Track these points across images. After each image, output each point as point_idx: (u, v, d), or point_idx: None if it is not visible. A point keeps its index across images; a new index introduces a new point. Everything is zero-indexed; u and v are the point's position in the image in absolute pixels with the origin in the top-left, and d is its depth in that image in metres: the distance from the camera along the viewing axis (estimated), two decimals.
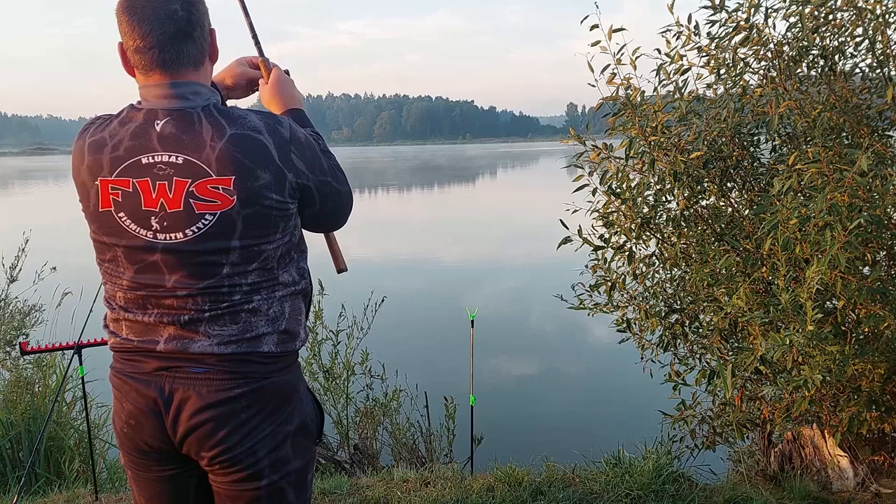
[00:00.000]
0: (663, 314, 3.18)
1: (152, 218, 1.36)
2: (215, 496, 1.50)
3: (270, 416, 1.44)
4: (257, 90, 1.74)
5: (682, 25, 2.98)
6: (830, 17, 2.85)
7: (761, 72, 3.03)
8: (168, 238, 1.37)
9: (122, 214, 1.38)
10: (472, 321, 3.63)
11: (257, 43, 1.76)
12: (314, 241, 1.61)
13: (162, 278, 1.39)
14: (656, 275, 3.24)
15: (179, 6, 1.38)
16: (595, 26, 2.84)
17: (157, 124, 1.37)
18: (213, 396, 1.39)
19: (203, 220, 1.36)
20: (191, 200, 1.35)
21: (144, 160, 1.36)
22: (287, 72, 1.75)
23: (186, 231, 1.36)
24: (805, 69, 3.04)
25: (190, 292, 1.39)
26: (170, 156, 1.35)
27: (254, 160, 1.36)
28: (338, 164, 1.58)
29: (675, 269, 3.16)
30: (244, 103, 1.75)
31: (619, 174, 3.04)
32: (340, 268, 1.82)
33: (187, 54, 1.40)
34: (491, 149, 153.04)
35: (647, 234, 3.10)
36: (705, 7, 2.98)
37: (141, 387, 1.42)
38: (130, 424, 1.45)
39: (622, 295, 3.24)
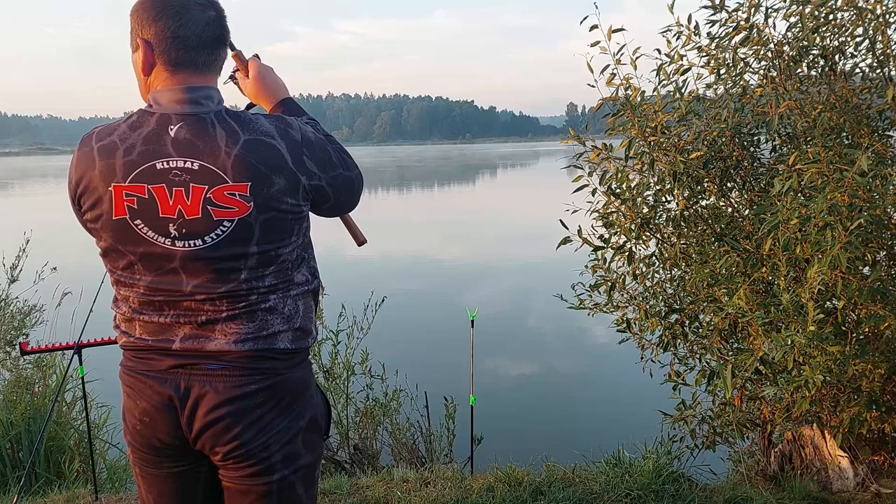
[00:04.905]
0: (663, 314, 3.18)
1: (170, 225, 1.36)
2: (225, 492, 1.51)
3: (284, 412, 1.46)
4: (232, 82, 1.73)
5: (682, 25, 2.98)
6: (831, 16, 2.85)
7: (761, 72, 3.03)
8: (187, 245, 1.37)
9: (138, 222, 1.37)
10: (473, 321, 3.64)
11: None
12: (316, 242, 1.61)
13: (180, 283, 1.40)
14: (656, 275, 3.23)
15: (215, 14, 1.43)
16: (595, 26, 2.83)
17: (171, 129, 1.37)
18: (230, 392, 1.41)
19: (222, 227, 1.36)
20: (209, 207, 1.35)
21: (159, 165, 1.35)
22: (257, 56, 1.73)
23: (205, 238, 1.37)
24: (805, 69, 3.03)
25: (209, 297, 1.40)
26: (185, 161, 1.35)
27: (268, 166, 1.37)
28: (342, 147, 1.57)
29: (675, 270, 3.15)
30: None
31: (619, 174, 3.04)
32: (361, 240, 1.84)
33: (220, 59, 1.46)
34: (502, 148, 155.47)
35: (647, 234, 3.10)
36: (705, 7, 2.98)
37: (156, 384, 1.43)
38: (144, 422, 1.45)
39: (622, 295, 3.23)
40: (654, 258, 3.17)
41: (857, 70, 3.00)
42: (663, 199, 3.04)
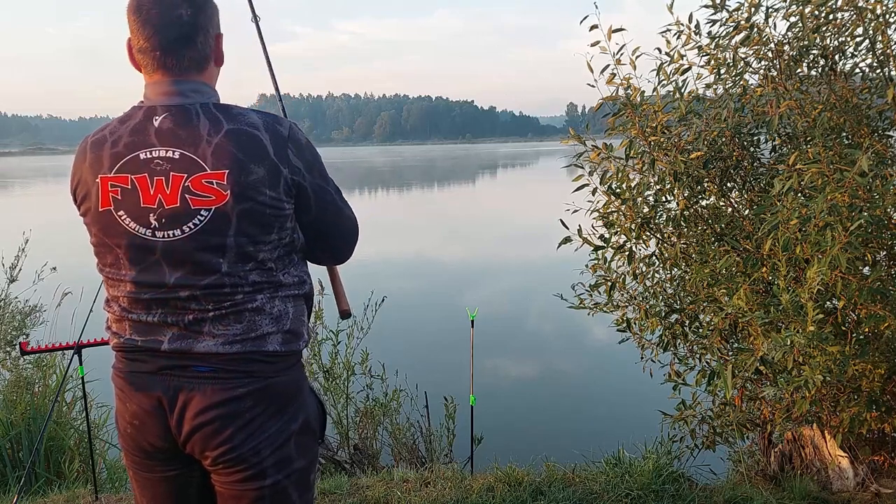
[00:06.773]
0: (663, 314, 3.18)
1: (151, 215, 1.37)
2: (217, 497, 1.50)
3: (275, 416, 1.45)
4: None
5: (682, 25, 2.98)
6: (831, 16, 2.85)
7: (761, 71, 3.03)
8: (166, 235, 1.37)
9: (121, 213, 1.38)
10: (473, 321, 3.63)
11: (282, 109, 1.86)
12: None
13: (163, 276, 1.39)
14: (656, 275, 3.23)
15: (185, 10, 1.40)
16: (595, 26, 2.83)
17: (156, 120, 1.38)
18: (219, 396, 1.39)
19: (199, 216, 1.36)
20: (187, 196, 1.35)
21: (143, 155, 1.36)
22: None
23: (183, 227, 1.36)
24: (805, 69, 3.03)
25: (192, 292, 1.39)
26: (167, 150, 1.36)
27: (247, 154, 1.36)
28: (339, 191, 1.57)
29: (675, 269, 3.15)
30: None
31: (619, 174, 3.04)
32: (345, 310, 1.81)
33: (189, 59, 1.42)
34: (504, 148, 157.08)
35: (647, 234, 3.10)
36: (706, 6, 2.98)
37: (145, 386, 1.42)
38: (134, 425, 1.45)
39: (622, 295, 3.23)
40: (654, 258, 3.17)
41: (857, 70, 3.00)
42: (663, 198, 3.04)
